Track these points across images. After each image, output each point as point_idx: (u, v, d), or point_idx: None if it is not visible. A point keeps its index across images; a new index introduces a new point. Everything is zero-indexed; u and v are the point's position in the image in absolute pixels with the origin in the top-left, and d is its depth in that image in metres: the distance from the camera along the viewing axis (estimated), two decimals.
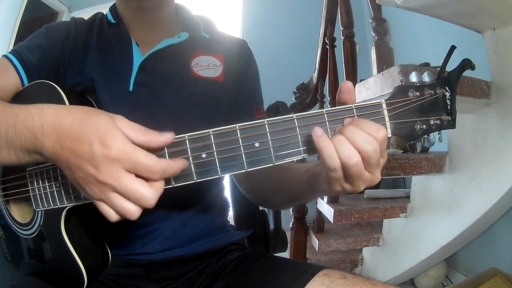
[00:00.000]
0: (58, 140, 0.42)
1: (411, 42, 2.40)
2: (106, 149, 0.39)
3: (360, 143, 0.41)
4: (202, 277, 0.68)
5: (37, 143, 0.44)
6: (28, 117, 0.44)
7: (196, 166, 0.43)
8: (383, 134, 0.42)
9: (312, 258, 1.84)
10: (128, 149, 0.40)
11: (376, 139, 0.41)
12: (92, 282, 0.58)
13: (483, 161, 1.29)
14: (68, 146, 0.41)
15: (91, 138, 0.40)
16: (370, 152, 0.41)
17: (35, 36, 0.68)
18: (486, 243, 1.57)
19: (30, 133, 0.44)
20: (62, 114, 0.43)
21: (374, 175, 0.44)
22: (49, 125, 0.43)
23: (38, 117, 0.43)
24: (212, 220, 0.73)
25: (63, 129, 0.42)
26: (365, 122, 0.42)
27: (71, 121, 0.42)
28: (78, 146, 0.40)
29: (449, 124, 0.45)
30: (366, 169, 0.43)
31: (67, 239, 0.55)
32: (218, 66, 0.71)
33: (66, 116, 0.42)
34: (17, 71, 0.64)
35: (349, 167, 0.42)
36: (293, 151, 0.43)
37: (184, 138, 0.43)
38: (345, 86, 0.46)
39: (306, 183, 0.53)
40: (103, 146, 0.39)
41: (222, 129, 0.43)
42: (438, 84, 0.45)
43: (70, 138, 0.41)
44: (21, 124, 0.44)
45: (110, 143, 0.39)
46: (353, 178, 0.43)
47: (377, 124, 0.42)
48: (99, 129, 0.40)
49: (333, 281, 0.55)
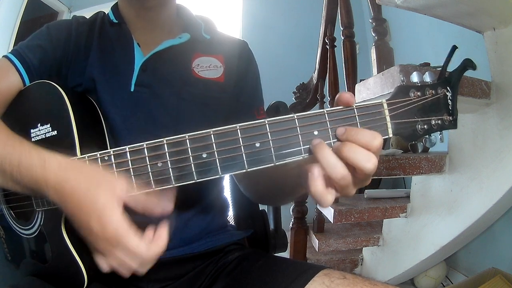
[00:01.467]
0: (61, 199, 0.45)
1: (411, 42, 2.40)
2: (102, 227, 0.43)
3: (360, 161, 0.40)
4: (202, 277, 0.68)
5: (42, 191, 0.47)
6: (31, 166, 0.47)
7: (196, 166, 0.43)
8: (379, 142, 0.41)
9: (312, 258, 1.84)
10: (121, 234, 0.43)
11: (372, 149, 0.41)
12: (93, 282, 0.58)
13: (483, 161, 1.29)
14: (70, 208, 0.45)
15: (89, 213, 0.43)
16: (371, 170, 0.41)
17: (36, 36, 0.68)
18: (486, 243, 1.57)
19: (34, 182, 0.46)
20: (65, 175, 0.45)
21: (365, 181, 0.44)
22: (52, 183, 0.45)
23: (40, 172, 0.46)
24: (212, 220, 0.73)
25: (65, 192, 0.45)
26: (360, 135, 0.41)
27: (71, 188, 0.44)
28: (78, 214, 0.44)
29: (450, 124, 0.45)
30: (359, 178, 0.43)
31: (68, 239, 0.55)
32: (219, 67, 0.72)
33: (68, 180, 0.45)
34: (18, 72, 0.63)
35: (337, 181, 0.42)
36: (294, 150, 0.43)
37: (184, 138, 0.43)
38: (344, 98, 0.44)
39: (297, 179, 0.51)
40: (99, 224, 0.43)
41: (223, 129, 0.43)
42: (440, 84, 0.45)
43: (71, 202, 0.44)
44: (25, 171, 0.47)
45: (106, 223, 0.43)
46: (342, 188, 0.43)
47: (372, 133, 0.42)
48: (97, 206, 0.43)
49: (333, 281, 0.55)
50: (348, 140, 0.42)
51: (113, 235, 0.43)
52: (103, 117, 0.63)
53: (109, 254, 0.45)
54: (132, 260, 0.45)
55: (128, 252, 0.44)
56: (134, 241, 0.43)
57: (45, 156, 0.47)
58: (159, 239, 0.46)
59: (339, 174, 0.41)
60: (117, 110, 0.64)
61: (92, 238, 0.44)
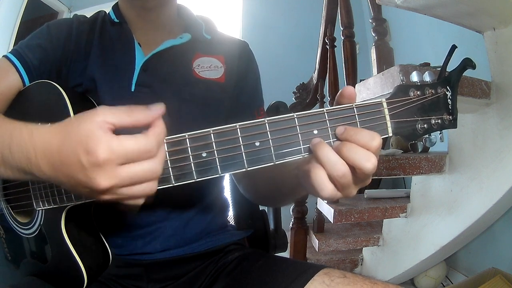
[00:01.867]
0: (50, 162, 0.41)
1: (411, 42, 2.40)
2: (93, 156, 0.38)
3: (359, 161, 0.40)
4: (202, 277, 0.68)
5: (32, 166, 0.43)
6: (20, 140, 0.44)
7: (196, 165, 0.43)
8: (378, 142, 0.41)
9: (312, 258, 1.84)
10: (113, 146, 0.38)
11: (371, 149, 0.41)
12: (92, 282, 0.58)
13: (483, 161, 1.29)
14: (61, 168, 0.40)
15: (76, 150, 0.38)
16: (370, 170, 0.41)
17: (36, 35, 0.67)
18: (486, 243, 1.57)
19: (25, 157, 0.43)
20: (50, 136, 0.42)
21: (365, 180, 0.44)
22: (40, 148, 0.42)
23: (29, 140, 0.43)
24: (213, 220, 0.73)
25: (53, 151, 0.41)
26: (359, 136, 0.41)
27: (57, 142, 0.41)
28: (68, 166, 0.39)
29: (450, 124, 0.45)
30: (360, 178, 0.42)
31: (67, 239, 0.55)
32: (220, 68, 0.72)
33: (53, 137, 0.41)
34: (18, 72, 0.63)
35: (338, 178, 0.41)
36: (294, 149, 0.43)
37: (184, 137, 0.43)
38: (348, 91, 0.44)
39: (296, 179, 0.51)
40: (88, 155, 0.38)
41: (222, 128, 0.43)
42: (439, 84, 0.45)
43: (60, 159, 0.40)
44: (15, 147, 0.44)
45: (94, 149, 0.38)
46: (344, 187, 0.43)
47: (371, 133, 0.41)
48: (81, 139, 0.38)
49: (333, 280, 0.55)
50: (347, 139, 0.42)
51: (107, 153, 0.37)
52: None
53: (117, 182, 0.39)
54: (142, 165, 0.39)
55: (132, 158, 0.39)
56: (128, 142, 0.39)
57: (33, 127, 0.44)
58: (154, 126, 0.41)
59: (340, 172, 0.41)
60: None
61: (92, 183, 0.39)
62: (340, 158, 0.41)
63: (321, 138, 0.43)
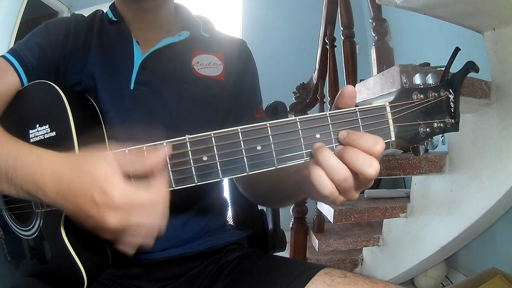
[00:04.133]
0: (60, 193, 0.43)
1: (411, 42, 2.40)
2: (109, 199, 0.40)
3: (360, 166, 0.40)
4: (202, 277, 0.68)
5: (38, 192, 0.44)
6: (27, 163, 0.45)
7: (197, 169, 0.43)
8: (381, 147, 0.41)
9: (312, 258, 1.84)
10: (130, 194, 0.41)
11: (374, 154, 0.41)
12: (92, 282, 0.58)
13: (483, 161, 1.29)
14: (72, 200, 0.42)
15: (92, 191, 0.41)
16: (372, 175, 0.40)
17: (34, 34, 0.67)
18: (486, 243, 1.57)
19: (31, 180, 0.45)
20: (60, 166, 0.44)
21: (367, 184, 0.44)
22: (49, 177, 0.44)
23: (38, 165, 0.44)
24: (212, 220, 0.73)
25: (64, 183, 0.43)
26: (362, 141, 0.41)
27: (70, 175, 0.42)
28: (81, 200, 0.42)
29: (452, 127, 0.45)
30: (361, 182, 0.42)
31: (67, 240, 0.55)
32: (219, 65, 0.72)
33: (64, 170, 0.43)
34: (16, 72, 0.63)
35: (339, 183, 0.41)
36: (296, 154, 0.43)
37: (185, 141, 0.43)
38: (348, 91, 0.44)
39: (297, 185, 0.51)
40: (105, 196, 0.40)
41: (224, 131, 0.43)
42: (442, 87, 0.45)
43: (72, 193, 0.42)
44: (21, 170, 0.45)
45: (111, 193, 0.40)
46: (346, 191, 0.42)
47: (375, 138, 0.41)
48: (98, 180, 0.41)
49: (333, 279, 0.55)
50: (349, 144, 0.41)
51: (122, 199, 0.40)
52: (102, 116, 0.63)
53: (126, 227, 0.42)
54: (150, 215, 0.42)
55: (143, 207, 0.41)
56: (143, 193, 0.41)
57: (41, 152, 0.46)
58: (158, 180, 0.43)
59: (341, 176, 0.41)
60: (116, 108, 0.64)
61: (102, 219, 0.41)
62: (341, 162, 0.41)
63: (323, 142, 0.43)
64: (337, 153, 0.42)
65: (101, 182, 0.41)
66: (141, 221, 0.42)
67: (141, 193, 0.41)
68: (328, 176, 0.41)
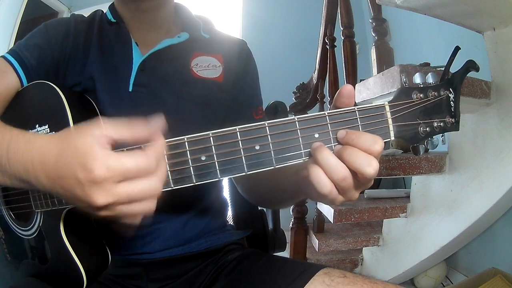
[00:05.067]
0: (47, 174, 0.41)
1: (411, 42, 2.40)
2: (90, 173, 0.37)
3: (359, 166, 0.40)
4: (202, 277, 0.68)
5: (29, 177, 0.43)
6: (18, 149, 0.44)
7: (195, 169, 0.42)
8: (380, 146, 0.41)
9: (312, 258, 1.84)
10: (111, 164, 0.37)
11: (373, 153, 0.40)
12: (92, 282, 0.58)
13: (483, 161, 1.29)
14: (58, 181, 0.40)
15: (73, 166, 0.38)
16: (371, 175, 0.40)
17: (34, 35, 0.67)
18: (486, 243, 1.57)
19: (22, 167, 0.43)
20: (47, 147, 0.42)
21: (367, 184, 0.44)
22: (37, 158, 0.42)
23: (26, 150, 0.43)
24: (212, 220, 0.73)
25: (50, 163, 0.40)
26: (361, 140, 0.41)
27: (55, 154, 0.40)
28: (65, 179, 0.39)
29: (452, 126, 0.45)
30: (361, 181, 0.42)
31: (66, 240, 0.55)
32: (218, 67, 0.71)
33: (51, 149, 0.41)
34: (16, 73, 0.63)
35: (338, 182, 0.41)
36: (294, 154, 0.43)
37: (183, 140, 0.42)
38: (346, 90, 0.44)
39: (296, 186, 0.51)
40: (85, 171, 0.37)
41: (222, 131, 0.42)
42: (442, 86, 0.44)
43: (57, 172, 0.40)
44: (13, 156, 0.44)
45: (91, 166, 0.37)
46: (345, 191, 0.42)
47: (374, 137, 0.41)
48: (78, 154, 0.38)
49: (333, 279, 0.55)
50: (348, 143, 0.41)
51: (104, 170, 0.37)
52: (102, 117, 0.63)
53: (115, 199, 0.38)
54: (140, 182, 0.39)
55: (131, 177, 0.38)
56: (126, 160, 0.38)
57: (30, 137, 0.44)
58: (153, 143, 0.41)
59: (340, 175, 0.41)
60: (115, 110, 0.64)
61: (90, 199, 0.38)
62: (339, 161, 0.41)
63: (322, 142, 0.42)
64: (336, 152, 0.42)
65: (81, 155, 0.38)
66: (130, 189, 0.38)
67: (125, 159, 0.38)
68: (327, 175, 0.41)
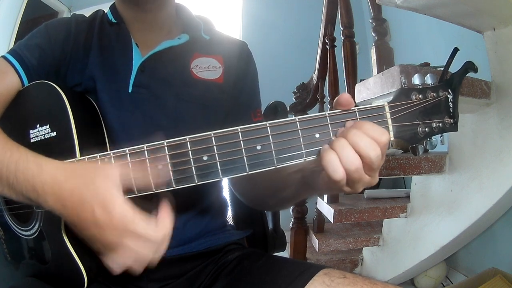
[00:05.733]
0: (60, 202, 0.44)
1: (411, 42, 2.40)
2: (108, 215, 0.41)
3: (363, 148, 0.41)
4: (202, 276, 0.68)
5: (39, 198, 0.45)
6: (27, 170, 0.46)
7: (197, 169, 0.43)
8: (386, 138, 0.42)
9: (312, 258, 1.84)
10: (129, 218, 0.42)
11: (379, 143, 0.42)
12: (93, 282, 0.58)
13: (483, 161, 1.29)
14: (71, 210, 0.43)
15: (93, 204, 0.42)
16: (373, 158, 0.41)
17: (34, 35, 0.67)
18: (486, 243, 1.57)
19: (32, 188, 0.45)
20: (61, 176, 0.44)
21: (373, 178, 0.45)
22: (49, 186, 0.44)
23: (38, 175, 0.45)
24: (211, 220, 0.73)
25: (64, 193, 0.43)
26: (368, 125, 0.42)
27: (71, 186, 0.43)
28: (81, 212, 0.43)
29: (451, 127, 0.45)
30: (366, 173, 0.43)
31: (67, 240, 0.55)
32: (218, 68, 0.71)
33: (65, 181, 0.44)
34: (17, 73, 0.63)
35: (350, 173, 0.42)
36: (295, 154, 0.43)
37: (185, 141, 0.43)
38: (344, 99, 0.45)
39: (301, 182, 0.53)
40: (105, 212, 0.42)
41: (224, 131, 0.43)
42: (441, 87, 0.45)
43: (72, 203, 0.43)
44: (22, 176, 0.46)
45: (111, 209, 0.41)
46: (353, 182, 0.43)
47: (381, 128, 0.42)
48: (99, 195, 0.42)
49: (333, 280, 0.55)
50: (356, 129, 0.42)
51: (120, 221, 0.42)
52: (103, 118, 0.63)
53: (119, 247, 0.43)
54: (143, 247, 0.44)
55: (138, 237, 0.43)
56: (141, 224, 0.42)
57: (41, 161, 0.46)
58: (164, 219, 0.45)
59: (353, 166, 0.41)
60: (116, 111, 0.64)
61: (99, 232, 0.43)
62: (355, 153, 0.42)
63: (323, 142, 0.43)
64: (341, 133, 0.43)
65: (102, 197, 0.42)
66: (134, 247, 0.43)
67: (141, 223, 0.42)
68: (341, 163, 0.42)
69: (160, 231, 0.44)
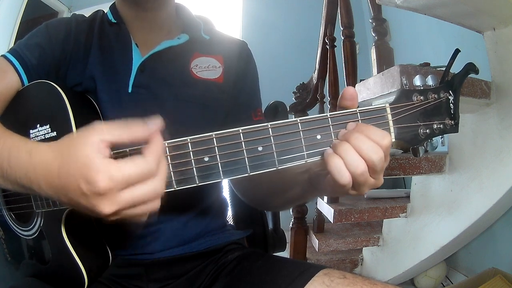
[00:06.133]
0: (51, 184, 0.42)
1: (411, 42, 2.40)
2: (93, 186, 0.38)
3: (366, 152, 0.41)
4: (202, 276, 0.68)
5: (32, 185, 0.44)
6: (19, 157, 0.45)
7: (198, 170, 0.43)
8: (388, 141, 0.42)
9: (312, 258, 1.84)
10: (113, 174, 0.38)
11: (381, 146, 0.42)
12: (93, 282, 0.58)
13: (483, 161, 1.29)
14: (61, 191, 0.41)
15: (76, 179, 0.39)
16: (376, 161, 0.41)
17: (35, 34, 0.67)
18: (486, 243, 1.57)
19: (24, 174, 0.44)
20: (49, 157, 0.42)
21: (378, 180, 0.45)
22: (40, 169, 0.42)
23: (28, 160, 0.44)
24: (212, 220, 0.73)
25: (53, 175, 0.41)
26: (370, 129, 0.42)
27: (57, 166, 0.41)
28: (69, 191, 0.40)
29: (452, 128, 0.45)
30: (371, 176, 0.43)
31: (67, 240, 0.55)
32: (218, 68, 0.71)
33: (52, 160, 0.42)
34: (17, 72, 0.63)
35: (356, 176, 0.42)
36: (297, 155, 0.43)
37: (186, 141, 0.43)
38: (348, 92, 0.45)
39: (307, 183, 0.53)
40: (89, 184, 0.38)
41: (225, 132, 0.43)
42: (442, 88, 0.45)
43: (60, 183, 0.41)
44: (14, 163, 0.45)
45: (94, 179, 0.38)
46: (359, 185, 0.43)
47: (382, 131, 0.42)
48: (80, 167, 0.39)
49: (333, 280, 0.55)
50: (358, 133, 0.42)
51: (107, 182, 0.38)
52: (103, 118, 0.63)
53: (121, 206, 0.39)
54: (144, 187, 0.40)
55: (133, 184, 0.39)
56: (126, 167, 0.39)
57: (32, 145, 0.45)
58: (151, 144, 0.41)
59: (359, 170, 0.41)
60: (115, 110, 0.64)
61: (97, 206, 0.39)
62: (359, 156, 0.41)
63: (324, 143, 0.43)
64: (342, 136, 0.43)
65: (83, 168, 0.38)
66: (134, 195, 0.39)
67: (126, 167, 0.39)
68: (347, 168, 0.42)
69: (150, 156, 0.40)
